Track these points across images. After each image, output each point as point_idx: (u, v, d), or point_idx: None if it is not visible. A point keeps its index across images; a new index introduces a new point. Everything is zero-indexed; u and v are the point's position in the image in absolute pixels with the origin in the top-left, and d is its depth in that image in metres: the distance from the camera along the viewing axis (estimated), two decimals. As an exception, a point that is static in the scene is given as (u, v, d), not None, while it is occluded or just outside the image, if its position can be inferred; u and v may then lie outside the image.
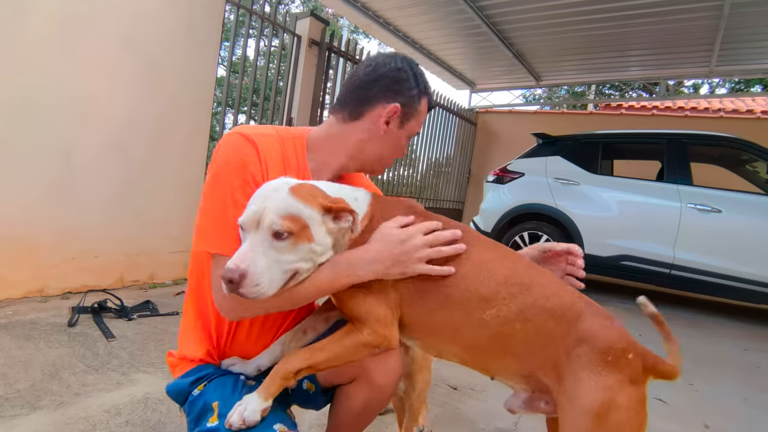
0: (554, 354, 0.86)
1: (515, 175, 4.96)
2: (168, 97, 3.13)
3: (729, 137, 4.39)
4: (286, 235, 0.82)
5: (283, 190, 0.85)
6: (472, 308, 0.90)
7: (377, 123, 1.04)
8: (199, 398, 0.97)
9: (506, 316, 0.89)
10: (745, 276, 3.95)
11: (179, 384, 1.02)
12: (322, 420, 1.17)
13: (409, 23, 5.98)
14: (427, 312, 0.93)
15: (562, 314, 0.87)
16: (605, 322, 0.87)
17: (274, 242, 0.82)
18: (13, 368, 1.75)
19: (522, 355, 0.90)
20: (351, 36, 9.99)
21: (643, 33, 5.52)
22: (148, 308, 2.62)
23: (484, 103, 8.42)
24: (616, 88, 14.69)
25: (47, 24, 2.49)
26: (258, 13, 3.83)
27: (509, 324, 0.88)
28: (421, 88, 1.06)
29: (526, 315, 0.88)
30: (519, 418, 1.82)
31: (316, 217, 0.86)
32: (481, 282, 0.91)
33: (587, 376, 0.82)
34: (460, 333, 0.92)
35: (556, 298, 0.89)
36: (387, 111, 1.03)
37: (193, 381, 1.00)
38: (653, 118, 7.31)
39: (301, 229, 0.84)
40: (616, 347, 0.83)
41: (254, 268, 0.79)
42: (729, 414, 2.17)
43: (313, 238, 0.85)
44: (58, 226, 2.66)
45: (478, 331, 0.90)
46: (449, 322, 0.92)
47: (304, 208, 0.84)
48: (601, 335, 0.84)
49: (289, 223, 0.82)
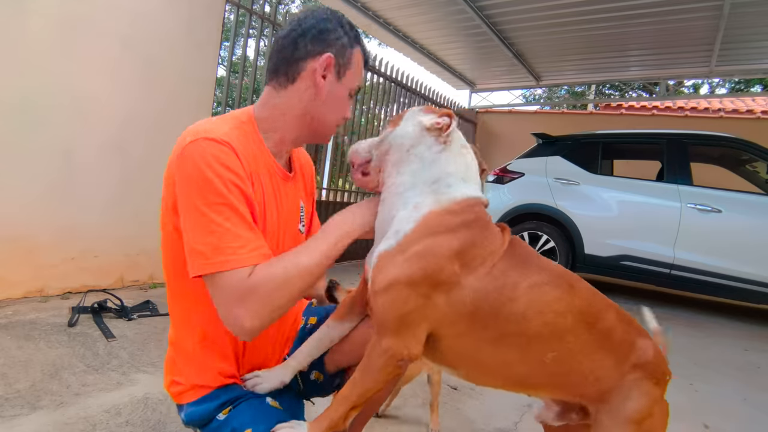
0: (608, 380, 0.85)
1: (515, 175, 4.96)
2: (168, 97, 3.13)
3: (729, 137, 4.39)
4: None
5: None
6: (533, 348, 0.82)
7: (315, 79, 0.96)
8: (226, 424, 0.92)
9: (567, 356, 0.83)
10: (745, 276, 3.95)
11: (203, 409, 0.96)
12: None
13: (409, 23, 5.98)
14: (476, 345, 0.83)
15: (619, 348, 0.86)
16: (651, 344, 0.90)
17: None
18: (13, 368, 1.75)
19: (577, 385, 0.86)
20: (351, 36, 9.97)
21: (643, 33, 5.52)
22: (148, 308, 2.62)
23: (484, 103, 8.42)
24: (616, 88, 14.70)
25: (47, 24, 2.49)
26: (258, 13, 3.83)
27: (567, 364, 0.83)
28: (351, 37, 0.99)
29: (587, 353, 0.84)
30: (519, 418, 1.82)
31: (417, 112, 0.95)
32: (547, 322, 0.81)
33: (636, 395, 0.85)
34: (512, 370, 0.86)
35: (618, 329, 0.86)
36: (320, 63, 0.94)
37: (218, 406, 0.95)
38: (653, 118, 7.31)
39: (403, 114, 0.95)
40: (661, 370, 0.88)
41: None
42: (729, 414, 2.17)
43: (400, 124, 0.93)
44: (58, 226, 2.66)
45: (535, 368, 0.84)
46: (501, 360, 0.84)
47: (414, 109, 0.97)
48: (652, 362, 0.87)
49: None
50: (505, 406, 1.91)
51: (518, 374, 0.86)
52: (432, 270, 0.78)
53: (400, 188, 0.88)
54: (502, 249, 0.84)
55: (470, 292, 0.79)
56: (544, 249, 4.67)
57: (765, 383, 2.66)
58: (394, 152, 0.92)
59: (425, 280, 0.78)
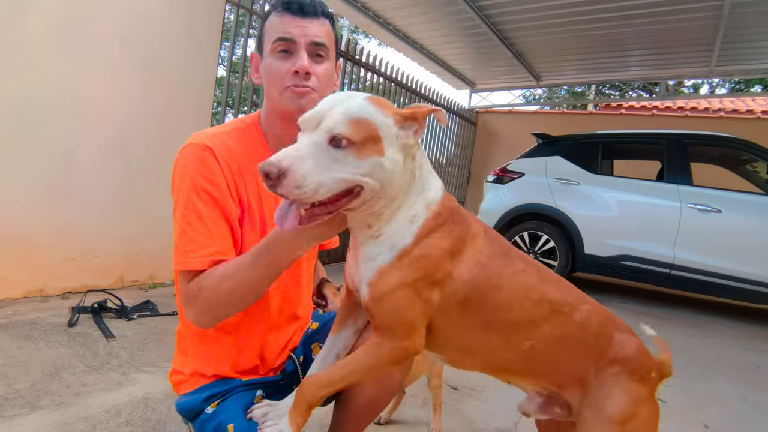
0: (584, 372, 0.88)
1: (515, 175, 4.96)
2: (168, 97, 3.13)
3: (729, 137, 4.39)
4: (345, 143, 0.70)
5: (358, 97, 0.75)
6: (514, 335, 0.86)
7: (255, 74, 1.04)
8: (213, 418, 0.93)
9: (547, 342, 0.86)
10: (745, 276, 3.94)
11: (192, 400, 0.99)
12: (325, 420, 1.17)
13: (409, 23, 5.97)
14: (462, 330, 0.86)
15: (597, 337, 0.88)
16: (633, 339, 0.90)
17: (331, 149, 0.70)
18: (13, 368, 1.75)
19: (552, 373, 0.90)
20: (351, 36, 10.00)
21: (643, 33, 5.52)
22: (148, 308, 2.62)
23: (484, 103, 8.42)
24: (616, 88, 14.69)
25: (47, 24, 2.49)
26: (258, 13, 3.83)
27: (548, 350, 0.87)
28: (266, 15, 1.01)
29: (566, 340, 0.87)
30: (519, 419, 1.81)
31: (391, 126, 0.74)
32: (526, 310, 0.85)
33: (617, 393, 0.85)
34: (495, 354, 0.89)
35: (593, 321, 0.89)
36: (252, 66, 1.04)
37: (207, 398, 0.97)
38: (653, 118, 7.31)
39: (368, 138, 0.72)
40: (644, 367, 0.88)
41: (297, 168, 0.67)
42: (729, 414, 2.17)
43: (383, 152, 0.73)
44: (58, 226, 2.66)
45: (513, 354, 0.88)
46: (485, 344, 0.88)
47: (379, 114, 0.73)
48: (631, 356, 0.87)
49: (354, 130, 0.70)
50: (505, 406, 1.91)
51: (499, 359, 0.90)
52: (431, 271, 0.80)
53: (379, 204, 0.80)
54: (482, 229, 0.87)
55: (462, 284, 0.83)
56: (544, 249, 4.67)
57: (765, 383, 2.66)
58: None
59: (425, 281, 0.80)
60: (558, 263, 4.56)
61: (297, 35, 0.94)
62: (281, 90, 0.95)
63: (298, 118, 0.84)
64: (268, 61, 0.97)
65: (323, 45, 0.97)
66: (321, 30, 0.96)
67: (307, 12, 0.95)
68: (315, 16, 0.96)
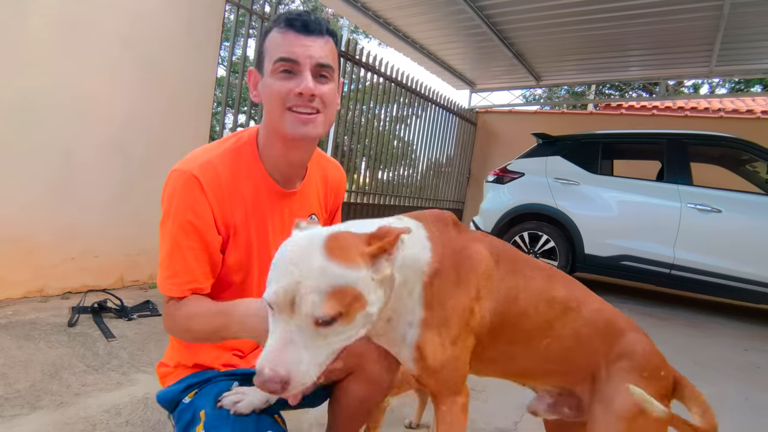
0: (596, 366, 0.90)
1: (515, 175, 4.97)
2: (168, 97, 3.13)
3: (729, 137, 4.39)
4: (331, 319, 0.64)
5: (316, 253, 0.66)
6: (533, 339, 0.90)
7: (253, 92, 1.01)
8: (189, 407, 0.95)
9: (561, 339, 0.90)
10: (745, 276, 3.95)
11: (171, 391, 1.01)
12: (324, 421, 1.17)
13: (409, 23, 5.98)
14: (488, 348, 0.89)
15: (606, 332, 0.91)
16: (643, 338, 0.92)
17: (320, 329, 0.65)
18: (13, 368, 1.75)
19: (566, 371, 0.93)
20: (351, 36, 9.98)
21: (643, 33, 5.53)
22: (148, 308, 2.62)
23: (484, 103, 8.42)
24: (616, 88, 14.70)
25: (47, 24, 2.49)
26: (258, 13, 3.83)
27: (562, 346, 0.90)
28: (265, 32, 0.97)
29: (578, 337, 0.90)
30: (520, 419, 1.81)
31: (366, 276, 0.68)
32: (540, 314, 0.89)
33: (625, 389, 0.86)
34: (516, 362, 0.93)
35: (601, 316, 0.92)
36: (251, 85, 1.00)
37: (185, 387, 0.99)
38: (653, 118, 7.31)
39: (352, 301, 0.66)
40: (652, 364, 0.90)
41: (296, 371, 0.63)
42: (729, 414, 2.17)
43: (367, 303, 0.68)
44: (58, 226, 2.66)
45: (532, 357, 0.92)
46: (508, 354, 0.91)
47: (350, 272, 0.66)
48: (639, 352, 0.89)
49: (336, 302, 0.64)
50: (506, 406, 1.90)
51: (519, 365, 0.93)
52: (461, 322, 0.82)
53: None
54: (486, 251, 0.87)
55: (488, 315, 0.86)
56: (544, 249, 4.67)
57: (765, 383, 2.66)
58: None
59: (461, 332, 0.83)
60: (558, 263, 4.56)
61: (301, 56, 0.90)
62: (282, 110, 0.92)
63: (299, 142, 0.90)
64: (269, 81, 0.93)
65: (329, 66, 0.94)
66: (325, 49, 0.93)
67: (311, 30, 0.92)
68: (320, 35, 0.93)
